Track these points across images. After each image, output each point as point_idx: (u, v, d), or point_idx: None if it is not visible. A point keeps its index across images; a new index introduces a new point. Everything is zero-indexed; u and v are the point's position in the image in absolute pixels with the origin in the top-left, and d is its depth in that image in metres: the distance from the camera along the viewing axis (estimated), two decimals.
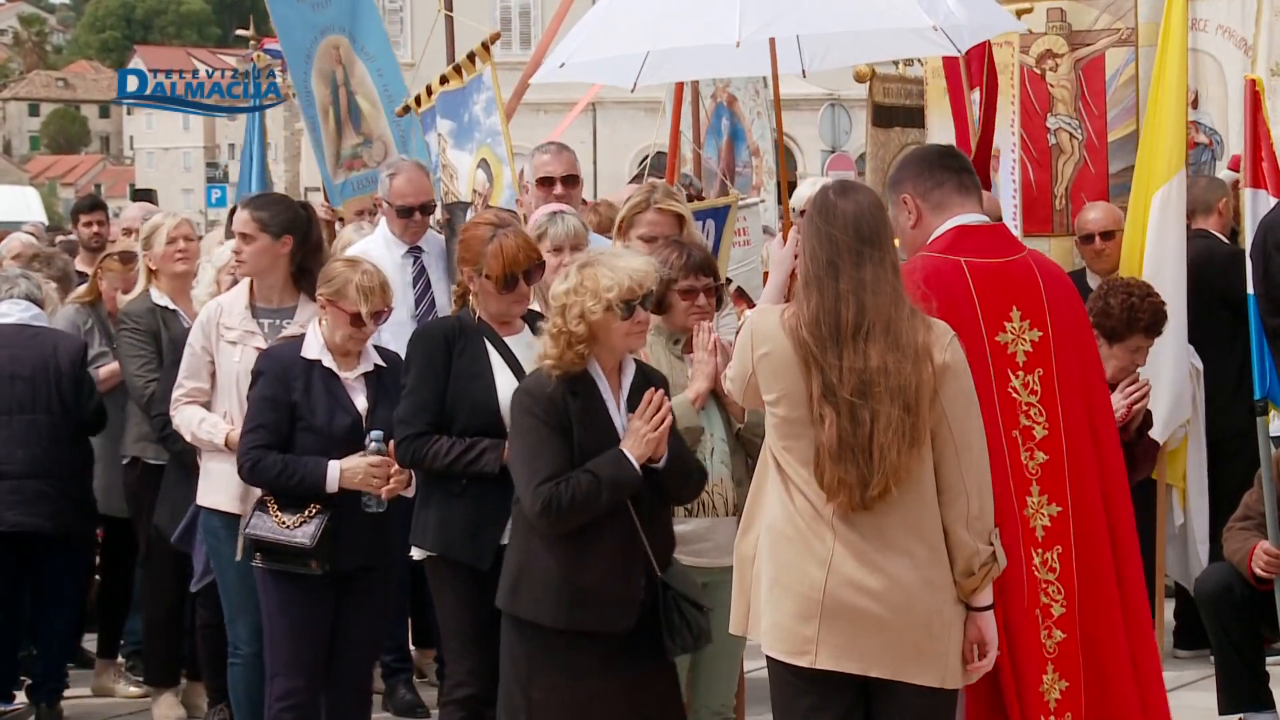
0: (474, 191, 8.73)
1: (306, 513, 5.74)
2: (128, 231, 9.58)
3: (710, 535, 5.50)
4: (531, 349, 5.60)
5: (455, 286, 5.84)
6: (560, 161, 7.25)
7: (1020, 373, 4.77)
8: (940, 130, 8.83)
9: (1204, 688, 7.45)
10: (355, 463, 5.76)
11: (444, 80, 9.03)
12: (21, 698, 7.85)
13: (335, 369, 5.90)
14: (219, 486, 6.26)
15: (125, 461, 7.62)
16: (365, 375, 5.94)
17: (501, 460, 5.43)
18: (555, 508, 4.94)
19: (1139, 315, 6.84)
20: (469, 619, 5.54)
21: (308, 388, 5.83)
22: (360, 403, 5.88)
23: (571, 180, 7.20)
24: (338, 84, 9.02)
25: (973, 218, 4.90)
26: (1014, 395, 4.78)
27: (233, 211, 8.23)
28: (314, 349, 5.90)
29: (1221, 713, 6.94)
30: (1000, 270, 4.86)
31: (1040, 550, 4.79)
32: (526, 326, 5.72)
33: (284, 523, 5.73)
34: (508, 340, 5.66)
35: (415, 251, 7.43)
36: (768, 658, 4.50)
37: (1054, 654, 4.73)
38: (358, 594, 5.91)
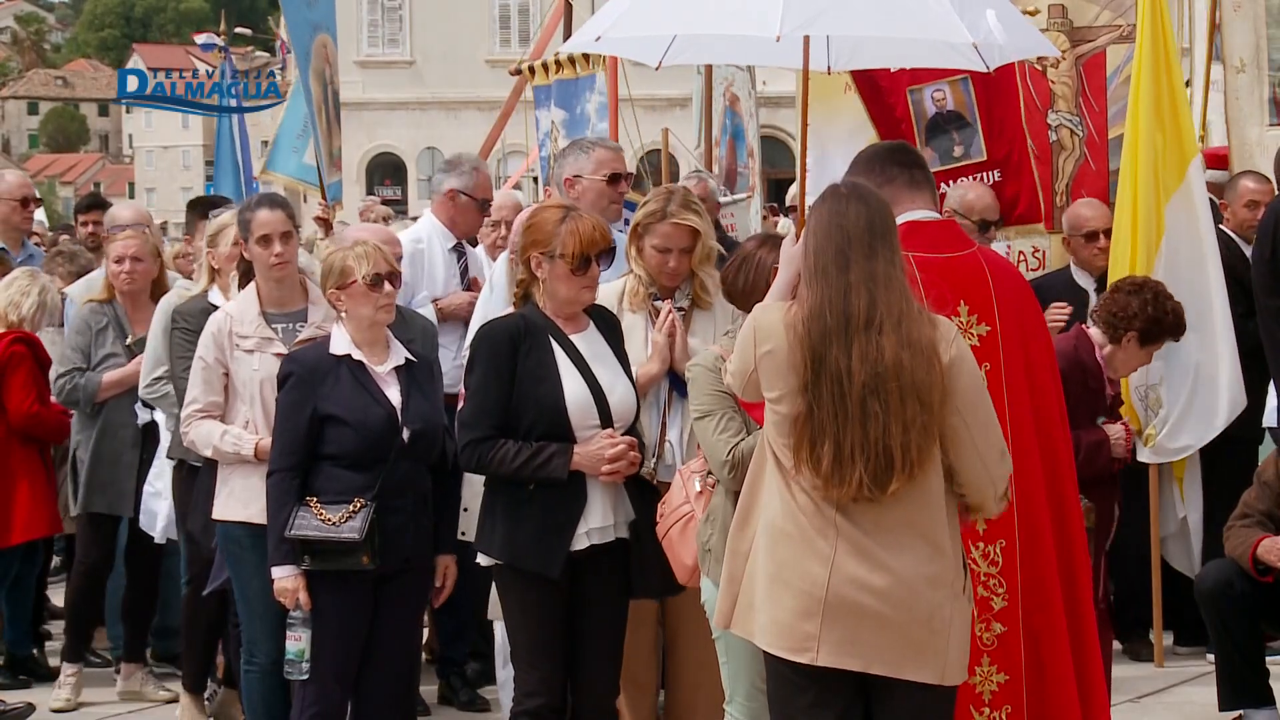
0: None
1: (351, 507, 5.62)
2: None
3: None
4: (595, 347, 5.54)
5: (515, 285, 5.66)
6: (622, 159, 7.21)
7: None
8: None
9: (1204, 683, 7.47)
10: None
11: (559, 66, 9.00)
12: (21, 697, 7.85)
13: (365, 361, 5.80)
14: (245, 499, 6.09)
15: (173, 464, 7.36)
16: (396, 369, 5.83)
17: (569, 466, 5.35)
18: None
19: (1164, 318, 6.69)
20: (537, 628, 5.41)
21: (337, 383, 5.74)
22: (394, 396, 5.76)
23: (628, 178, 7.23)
24: (325, 82, 8.98)
25: (922, 214, 4.99)
26: None
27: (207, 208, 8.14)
28: (341, 344, 5.81)
29: (1221, 708, 6.95)
30: (947, 265, 4.94)
31: (981, 544, 4.85)
32: (591, 323, 5.60)
33: (329, 520, 5.62)
34: (574, 338, 5.51)
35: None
36: (766, 654, 4.50)
37: (991, 646, 4.76)
38: (395, 596, 5.81)
